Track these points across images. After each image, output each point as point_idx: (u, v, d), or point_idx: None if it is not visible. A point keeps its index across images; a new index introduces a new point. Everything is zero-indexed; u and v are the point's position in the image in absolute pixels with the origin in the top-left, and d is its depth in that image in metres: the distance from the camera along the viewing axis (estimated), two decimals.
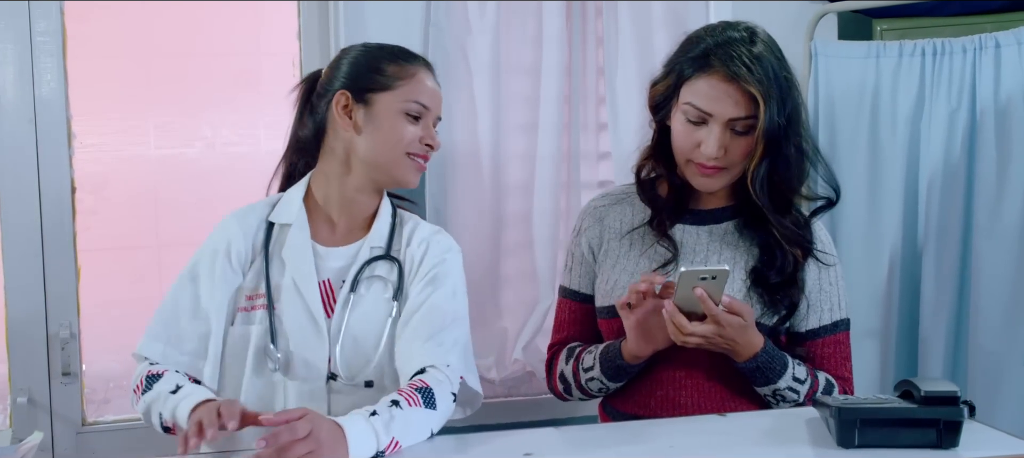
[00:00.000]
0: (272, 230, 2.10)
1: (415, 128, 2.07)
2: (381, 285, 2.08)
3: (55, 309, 2.80)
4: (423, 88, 2.09)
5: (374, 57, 2.11)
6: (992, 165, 2.73)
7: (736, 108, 2.03)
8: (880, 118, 2.91)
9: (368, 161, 2.08)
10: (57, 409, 2.82)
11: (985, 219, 2.73)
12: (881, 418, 1.68)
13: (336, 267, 2.08)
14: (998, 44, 2.73)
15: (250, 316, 2.04)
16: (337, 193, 2.11)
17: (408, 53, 2.14)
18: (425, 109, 2.09)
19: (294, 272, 2.04)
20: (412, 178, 2.11)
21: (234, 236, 2.07)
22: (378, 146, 2.07)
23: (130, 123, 2.90)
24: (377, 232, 2.11)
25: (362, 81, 2.08)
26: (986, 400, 2.70)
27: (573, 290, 2.31)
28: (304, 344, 2.02)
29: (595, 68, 3.07)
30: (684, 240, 2.18)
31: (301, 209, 2.10)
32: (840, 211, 2.94)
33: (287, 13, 2.98)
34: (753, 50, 2.03)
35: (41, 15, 2.75)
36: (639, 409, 2.16)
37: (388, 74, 2.08)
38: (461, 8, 2.93)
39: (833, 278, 2.17)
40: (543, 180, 3.00)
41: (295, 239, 2.07)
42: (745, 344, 2.01)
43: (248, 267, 2.08)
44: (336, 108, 2.08)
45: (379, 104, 2.07)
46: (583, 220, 2.31)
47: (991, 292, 2.72)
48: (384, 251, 2.10)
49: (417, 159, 2.09)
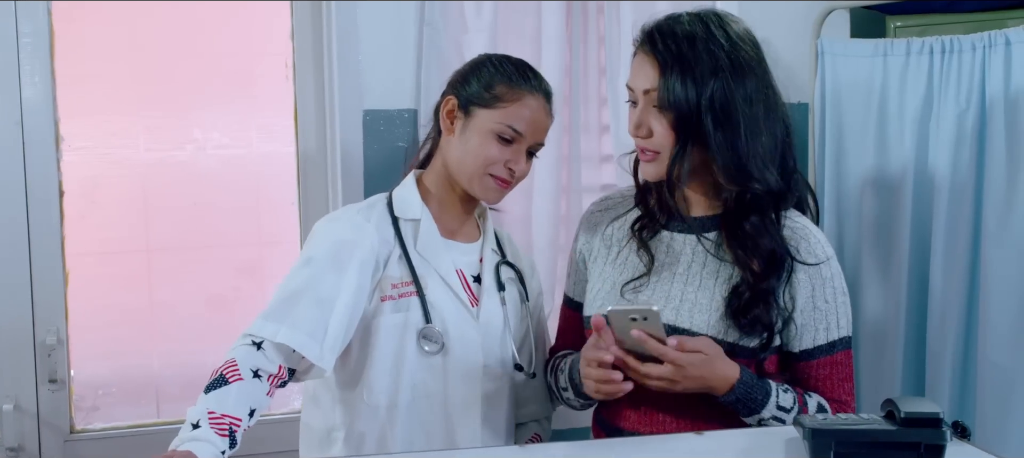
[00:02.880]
0: (398, 224, 2.15)
1: (502, 151, 2.11)
2: (516, 287, 2.25)
3: (42, 315, 2.76)
4: (523, 115, 2.11)
5: (492, 72, 2.14)
6: (1002, 169, 2.64)
7: (645, 80, 1.96)
8: (888, 118, 2.84)
9: (452, 169, 2.15)
10: (44, 416, 2.78)
11: (994, 226, 2.64)
12: (857, 440, 1.58)
13: (463, 260, 2.18)
14: (1008, 41, 2.63)
15: (400, 303, 2.09)
16: (448, 193, 2.19)
17: (526, 77, 2.16)
18: (518, 135, 2.11)
19: (436, 263, 2.13)
20: (490, 197, 2.17)
21: (364, 231, 2.10)
22: (464, 157, 2.13)
23: (119, 125, 2.86)
24: (490, 234, 2.25)
25: (471, 92, 2.14)
26: (996, 416, 2.61)
27: (569, 298, 2.26)
28: (459, 329, 2.12)
29: (597, 68, 3.02)
30: (670, 249, 2.07)
31: (423, 205, 2.17)
32: (847, 214, 2.90)
33: (280, 13, 2.93)
34: (676, 27, 1.95)
35: (27, 15, 2.71)
36: (625, 423, 2.08)
37: (496, 92, 2.12)
38: (457, 7, 2.88)
39: (829, 294, 2.01)
40: (543, 184, 2.95)
41: (427, 232, 2.15)
42: (718, 378, 1.90)
43: (385, 259, 2.10)
44: (442, 110, 2.17)
45: (477, 118, 2.12)
46: (580, 225, 2.26)
47: (1001, 303, 2.63)
48: (503, 256, 2.26)
49: (498, 181, 2.13)
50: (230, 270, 2.92)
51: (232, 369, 1.87)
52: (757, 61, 1.99)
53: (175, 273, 2.91)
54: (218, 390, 1.83)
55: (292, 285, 2.01)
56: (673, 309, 1.99)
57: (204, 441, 1.76)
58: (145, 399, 2.91)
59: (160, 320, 2.90)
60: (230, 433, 1.80)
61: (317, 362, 1.95)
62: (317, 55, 2.91)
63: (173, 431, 1.82)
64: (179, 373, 2.91)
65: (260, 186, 2.98)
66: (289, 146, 2.96)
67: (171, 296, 2.91)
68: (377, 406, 2.09)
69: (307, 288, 1.99)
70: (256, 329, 1.93)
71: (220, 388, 1.84)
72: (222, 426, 1.79)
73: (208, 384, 1.85)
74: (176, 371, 2.91)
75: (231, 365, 1.87)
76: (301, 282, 2.00)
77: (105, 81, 2.84)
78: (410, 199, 2.17)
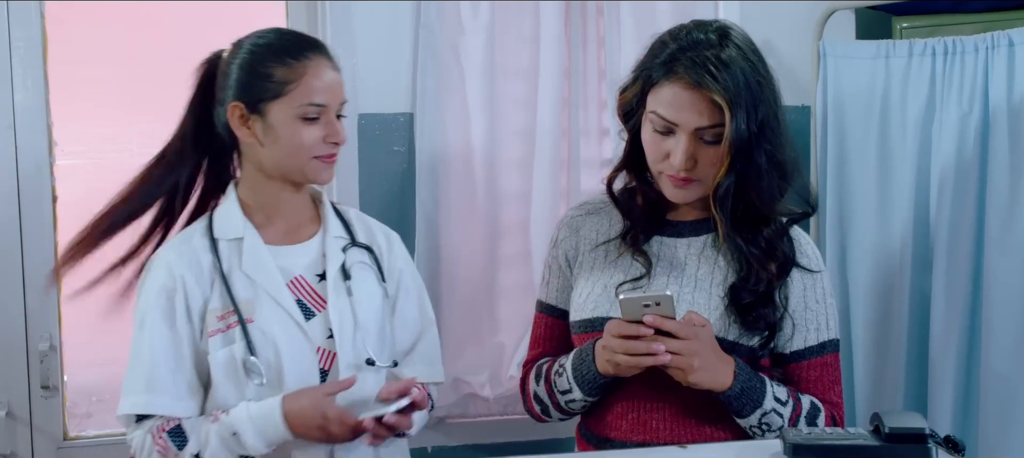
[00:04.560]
0: (218, 247, 2.05)
1: (315, 130, 2.01)
2: (368, 270, 2.13)
3: (35, 321, 2.74)
4: (316, 87, 2.01)
5: (261, 59, 2.02)
6: (1005, 173, 2.60)
7: (701, 118, 1.91)
8: (890, 121, 2.81)
9: (273, 171, 2.05)
10: (37, 423, 2.77)
11: (997, 231, 2.60)
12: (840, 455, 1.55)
13: (304, 262, 2.09)
14: (1011, 42, 2.59)
15: (227, 335, 2.01)
16: (270, 197, 2.09)
17: (295, 45, 2.04)
18: (322, 107, 2.01)
19: (264, 282, 2.03)
20: (324, 177, 2.08)
21: (176, 270, 2.03)
22: (281, 156, 2.02)
23: (113, 130, 2.84)
24: (334, 223, 2.14)
25: (253, 90, 2.01)
26: (999, 427, 2.58)
27: (549, 304, 2.22)
28: (292, 352, 2.02)
29: (596, 71, 2.97)
30: (661, 253, 2.07)
31: (245, 220, 2.07)
32: (848, 220, 2.87)
33: (275, 14, 2.90)
34: (721, 54, 1.90)
35: (20, 18, 2.69)
36: (610, 431, 2.05)
37: (277, 78, 1.99)
38: (453, 8, 2.85)
39: (820, 295, 2.04)
40: (541, 188, 2.91)
41: (251, 250, 2.04)
42: (722, 363, 1.90)
43: (207, 292, 2.03)
44: (233, 121, 2.03)
45: (273, 114, 2.00)
46: (559, 231, 2.23)
47: (1004, 312, 2.59)
48: (351, 240, 2.14)
49: (323, 159, 2.04)
50: None
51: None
52: (769, 73, 1.99)
53: None
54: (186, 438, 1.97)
55: (135, 354, 2.02)
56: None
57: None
58: None
59: None
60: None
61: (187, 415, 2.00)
62: None
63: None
64: None
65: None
66: None
67: None
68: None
69: (149, 353, 2.00)
70: (128, 408, 1.99)
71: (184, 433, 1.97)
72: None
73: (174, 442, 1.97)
74: None
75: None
76: (143, 350, 2.01)
77: (98, 85, 2.82)
78: (231, 216, 2.07)
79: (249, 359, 1.98)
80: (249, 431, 1.92)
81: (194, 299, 2.01)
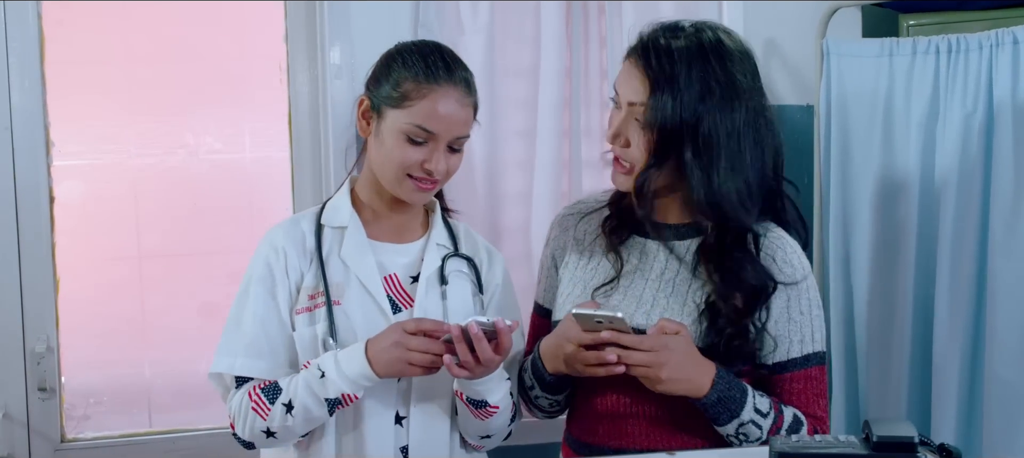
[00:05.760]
0: (322, 233, 2.08)
1: (416, 152, 1.97)
2: (465, 279, 2.12)
3: (32, 322, 2.74)
4: (433, 113, 1.96)
5: (399, 69, 2.00)
6: (1009, 174, 2.56)
7: (634, 93, 1.91)
8: (894, 121, 2.77)
9: (376, 172, 2.05)
10: (35, 425, 2.76)
11: (1002, 233, 2.56)
12: None
13: (402, 262, 2.09)
14: (1016, 40, 2.54)
15: (313, 315, 2.03)
16: (377, 197, 2.09)
17: (436, 70, 1.99)
18: (430, 134, 1.97)
19: (358, 269, 2.04)
20: (413, 199, 2.05)
21: (280, 245, 2.05)
22: (380, 161, 2.02)
23: (110, 130, 2.84)
24: (439, 231, 2.14)
25: (381, 89, 2.01)
26: (1003, 433, 2.54)
27: (540, 305, 2.19)
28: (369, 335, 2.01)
29: (598, 71, 2.95)
30: (644, 253, 2.02)
31: (352, 211, 2.08)
32: (851, 220, 2.84)
33: (273, 14, 2.89)
34: (671, 43, 1.89)
35: (16, 18, 2.68)
36: (589, 437, 2.02)
37: (403, 90, 1.97)
38: (452, 8, 2.83)
39: (804, 306, 1.96)
40: (542, 190, 2.89)
41: (352, 239, 2.06)
42: (699, 368, 1.85)
43: (304, 270, 2.06)
44: (358, 112, 2.06)
45: (387, 119, 1.99)
46: (551, 230, 2.20)
47: (1008, 316, 2.55)
48: (454, 250, 2.13)
49: (417, 182, 2.01)
50: (223, 277, 2.86)
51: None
52: (751, 87, 1.93)
53: (167, 280, 2.89)
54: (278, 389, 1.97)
55: (235, 318, 2.04)
56: (644, 313, 1.94)
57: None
58: (137, 408, 2.88)
59: (152, 328, 2.88)
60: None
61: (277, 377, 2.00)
62: (311, 58, 2.87)
63: (165, 440, 1.84)
64: (171, 382, 2.88)
65: (253, 191, 2.96)
66: (283, 151, 2.92)
67: (163, 303, 2.88)
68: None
69: (252, 319, 2.02)
70: (226, 368, 2.01)
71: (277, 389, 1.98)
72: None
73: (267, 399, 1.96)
74: (168, 380, 2.89)
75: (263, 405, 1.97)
76: (245, 315, 2.03)
77: (95, 85, 2.82)
78: (341, 207, 2.10)
79: (329, 340, 1.99)
80: (332, 367, 1.92)
81: (293, 272, 2.04)
